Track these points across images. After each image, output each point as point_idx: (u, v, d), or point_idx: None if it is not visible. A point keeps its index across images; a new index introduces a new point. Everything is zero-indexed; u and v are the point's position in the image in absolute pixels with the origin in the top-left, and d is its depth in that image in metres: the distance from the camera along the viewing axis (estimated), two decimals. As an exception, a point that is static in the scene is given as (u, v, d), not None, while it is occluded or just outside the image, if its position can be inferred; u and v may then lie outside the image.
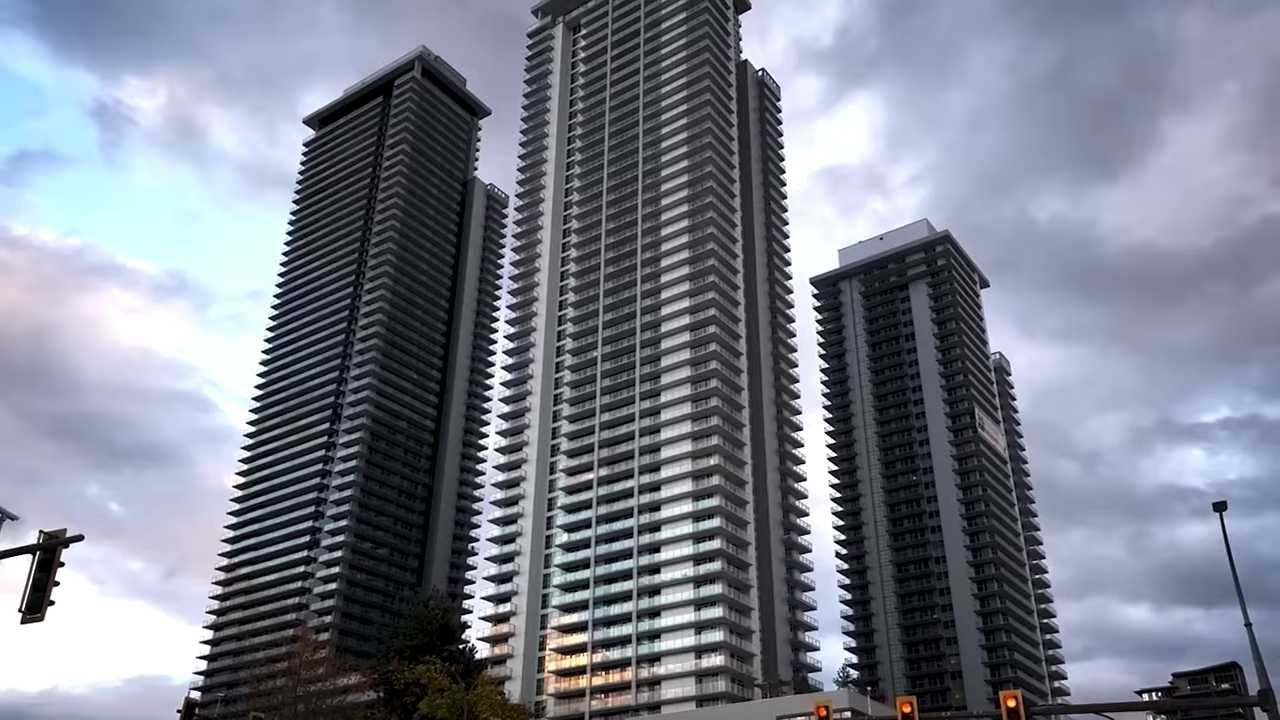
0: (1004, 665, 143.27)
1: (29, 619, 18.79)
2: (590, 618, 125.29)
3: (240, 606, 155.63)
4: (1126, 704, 53.54)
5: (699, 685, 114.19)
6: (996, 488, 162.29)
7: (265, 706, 41.89)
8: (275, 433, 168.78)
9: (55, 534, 19.72)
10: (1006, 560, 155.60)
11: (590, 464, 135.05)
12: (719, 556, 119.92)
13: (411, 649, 53.11)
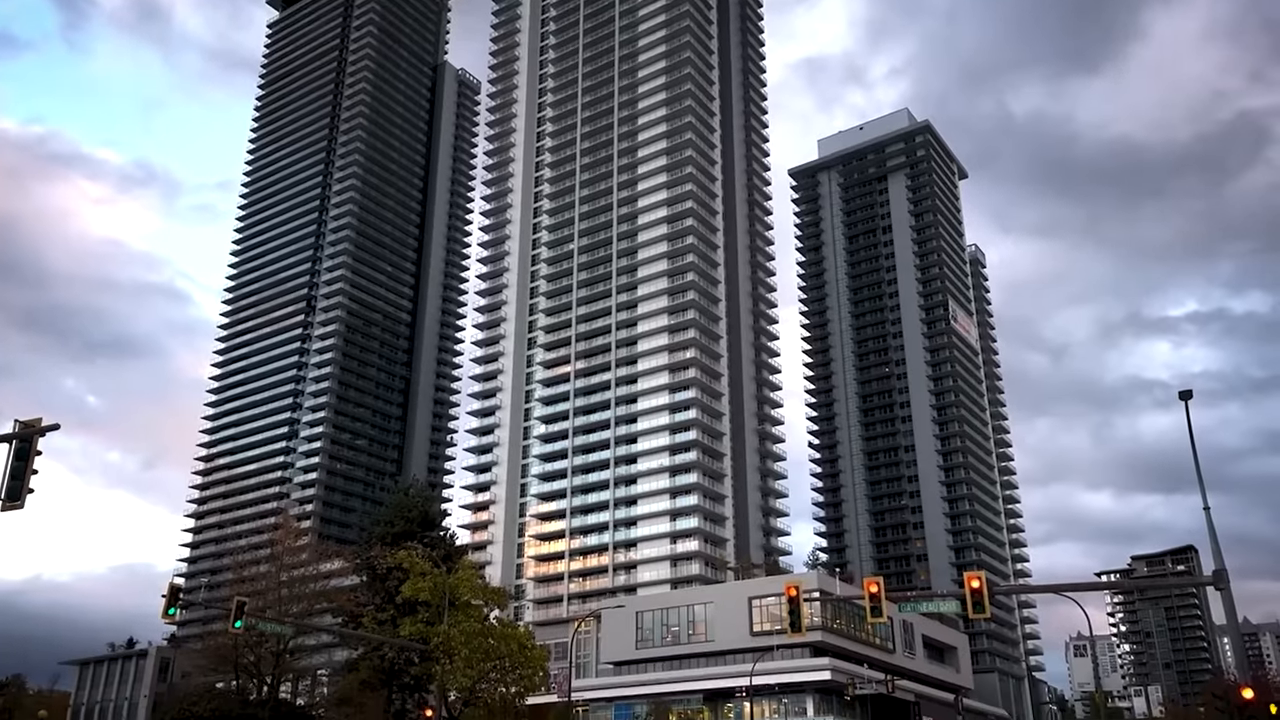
0: (968, 549, 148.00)
1: (9, 506, 18.91)
2: (568, 505, 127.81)
3: (221, 496, 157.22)
4: (1085, 584, 55.54)
5: (674, 569, 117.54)
6: (967, 379, 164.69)
7: (249, 592, 42.77)
8: (249, 324, 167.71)
9: (31, 423, 19.69)
10: (974, 449, 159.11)
11: (567, 356, 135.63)
12: (694, 446, 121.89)
13: (393, 535, 53.98)
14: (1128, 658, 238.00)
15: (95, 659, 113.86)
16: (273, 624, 41.54)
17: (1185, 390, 28.38)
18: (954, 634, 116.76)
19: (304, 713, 49.52)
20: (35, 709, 76.14)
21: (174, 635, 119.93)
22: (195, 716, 44.72)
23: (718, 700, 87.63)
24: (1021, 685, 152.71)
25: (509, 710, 49.59)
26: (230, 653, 46.49)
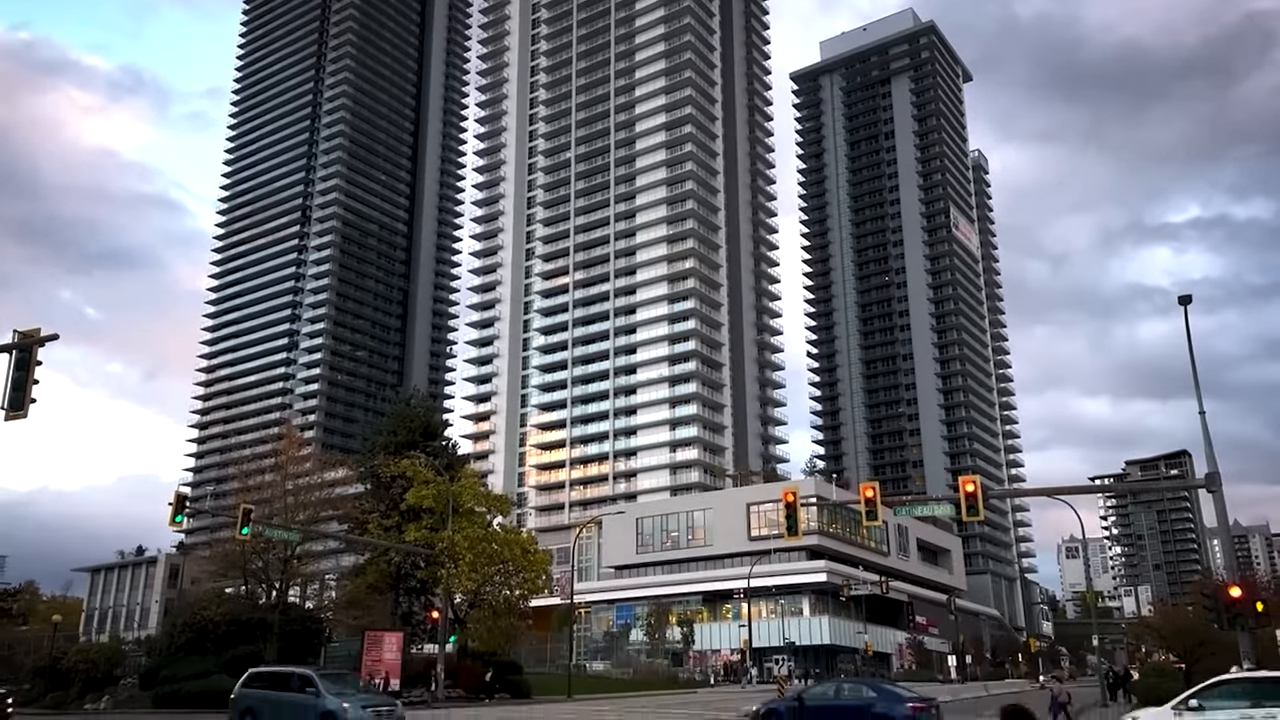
0: (964, 455, 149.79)
1: (12, 416, 19.01)
2: (568, 415, 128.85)
3: (223, 406, 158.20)
4: (1079, 487, 56.33)
5: (673, 477, 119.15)
6: (967, 286, 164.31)
7: (255, 500, 43.30)
8: (245, 235, 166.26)
9: (30, 333, 19.68)
10: (972, 357, 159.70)
11: (566, 267, 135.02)
12: (693, 356, 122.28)
13: (395, 445, 54.43)
14: (1119, 560, 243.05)
15: (106, 566, 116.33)
16: (279, 530, 42.22)
17: (1184, 295, 28.30)
18: (948, 537, 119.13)
19: (313, 615, 50.70)
20: (49, 615, 77.88)
21: (182, 543, 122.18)
22: (206, 620, 45.72)
23: (716, 601, 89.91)
24: (1014, 586, 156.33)
25: (513, 612, 50.81)
26: (238, 559, 47.30)
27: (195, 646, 44.82)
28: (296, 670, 26.85)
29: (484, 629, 49.77)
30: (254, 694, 25.91)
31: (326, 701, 23.68)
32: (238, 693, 26.65)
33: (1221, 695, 16.43)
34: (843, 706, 23.06)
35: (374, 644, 43.74)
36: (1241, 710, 15.67)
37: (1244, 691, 16.28)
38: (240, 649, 44.01)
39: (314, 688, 24.19)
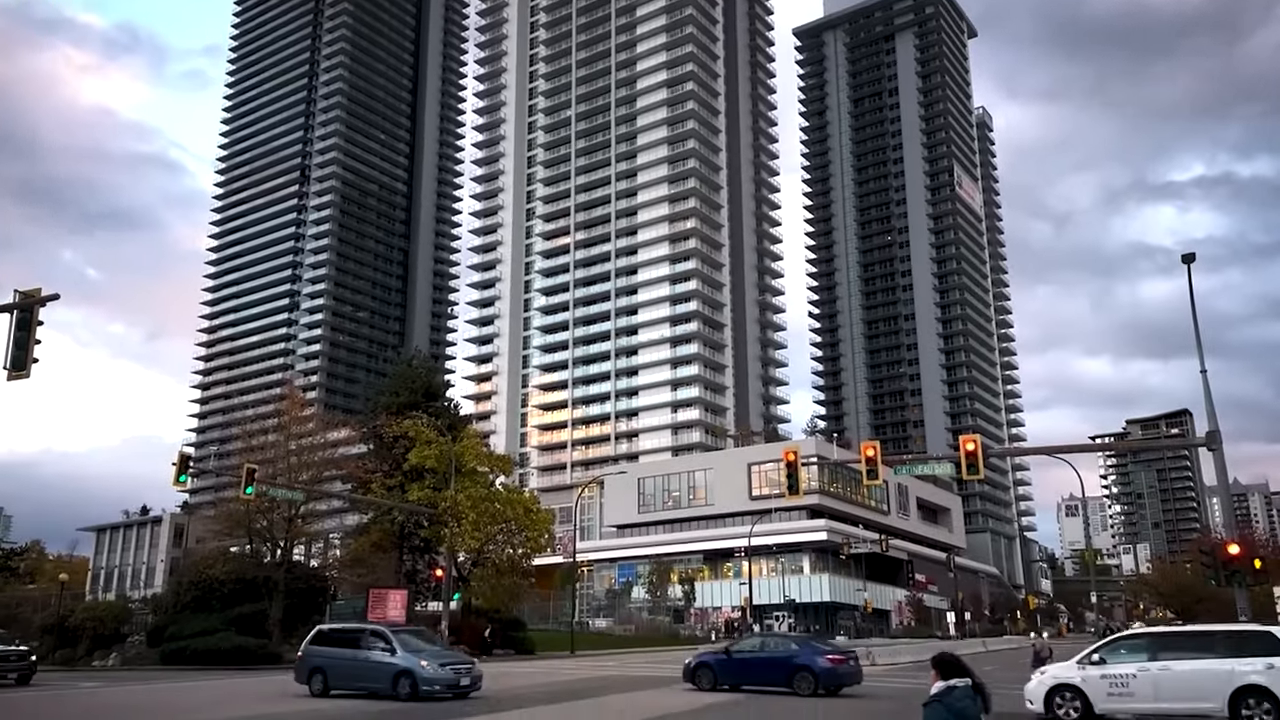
0: (965, 414, 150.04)
1: (14, 376, 19.01)
2: (570, 375, 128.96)
3: (225, 367, 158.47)
4: (1079, 446, 56.52)
5: (674, 437, 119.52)
6: (970, 246, 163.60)
7: (259, 460, 43.46)
8: (245, 195, 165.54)
9: (30, 293, 19.63)
10: (974, 316, 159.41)
11: (567, 227, 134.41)
12: (695, 317, 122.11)
13: (398, 405, 54.47)
14: (1118, 518, 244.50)
15: (111, 525, 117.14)
16: (283, 490, 42.43)
17: (1188, 253, 28.15)
18: (948, 496, 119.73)
19: (318, 573, 51.14)
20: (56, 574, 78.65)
21: (186, 502, 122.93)
22: (212, 578, 46.14)
23: (717, 560, 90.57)
24: (1013, 544, 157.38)
25: (516, 570, 51.25)
26: (243, 518, 47.60)
27: (201, 604, 45.28)
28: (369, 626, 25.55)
29: (488, 587, 50.25)
30: (323, 652, 24.23)
31: (403, 659, 22.42)
32: (305, 651, 24.99)
33: (1122, 650, 17.51)
34: (768, 658, 24.76)
35: (379, 601, 44.14)
36: (1139, 663, 16.74)
37: (1141, 646, 17.39)
38: (246, 607, 44.48)
39: (388, 645, 22.89)
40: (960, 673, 5.47)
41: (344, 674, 23.28)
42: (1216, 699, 15.77)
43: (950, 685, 5.47)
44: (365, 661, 22.95)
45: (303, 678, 24.03)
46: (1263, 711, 15.29)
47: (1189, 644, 17.33)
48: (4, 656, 32.31)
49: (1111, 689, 16.85)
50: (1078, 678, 17.37)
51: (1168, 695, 16.40)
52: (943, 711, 5.34)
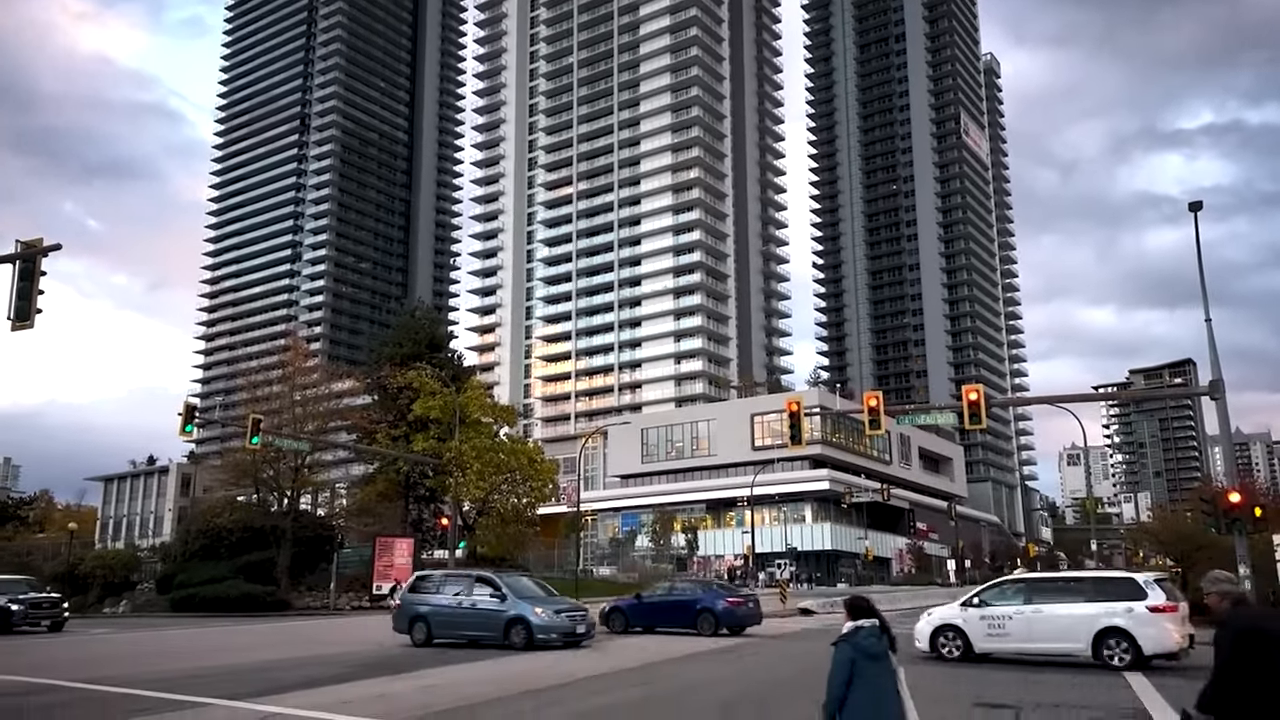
0: (968, 365, 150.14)
1: (18, 326, 19.02)
2: (573, 327, 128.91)
3: (229, 318, 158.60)
4: (1081, 395, 56.53)
5: (678, 388, 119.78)
6: (976, 195, 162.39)
7: (264, 411, 43.64)
8: (245, 145, 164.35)
9: (32, 243, 19.58)
10: (979, 266, 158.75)
11: (569, 176, 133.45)
12: (698, 268, 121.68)
13: (401, 357, 54.61)
14: (1119, 467, 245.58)
15: (119, 475, 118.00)
16: (289, 440, 42.67)
17: (1195, 201, 27.90)
18: (950, 446, 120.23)
19: (325, 522, 51.62)
20: (65, 523, 79.50)
21: (193, 452, 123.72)
22: (219, 527, 46.60)
23: (720, 509, 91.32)
24: (1014, 493, 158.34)
25: (521, 519, 51.76)
26: (249, 468, 47.90)
27: (209, 553, 45.79)
28: (475, 572, 24.23)
29: (493, 535, 50.79)
30: (424, 600, 22.74)
31: (515, 606, 21.09)
32: (404, 598, 23.49)
33: (1000, 593, 18.63)
34: (674, 601, 26.64)
35: (385, 550, 44.65)
36: (1015, 606, 17.85)
37: (1018, 591, 18.52)
38: (254, 555, 44.99)
39: (498, 591, 21.63)
40: (869, 615, 5.93)
41: (449, 622, 21.95)
42: (1081, 640, 16.88)
43: (858, 625, 5.90)
44: (473, 610, 21.61)
45: (403, 626, 22.71)
46: (1121, 651, 16.46)
47: (1060, 589, 18.42)
48: (36, 604, 32.13)
49: (990, 630, 17.79)
50: (960, 619, 18.27)
51: (1039, 636, 17.39)
52: (849, 649, 5.80)
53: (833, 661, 5.90)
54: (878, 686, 5.79)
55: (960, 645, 18.03)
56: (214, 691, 13.76)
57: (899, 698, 5.89)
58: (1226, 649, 5.11)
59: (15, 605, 31.00)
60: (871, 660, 5.82)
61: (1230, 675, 5.02)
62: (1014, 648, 17.69)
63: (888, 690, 5.84)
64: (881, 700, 5.78)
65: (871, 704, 5.76)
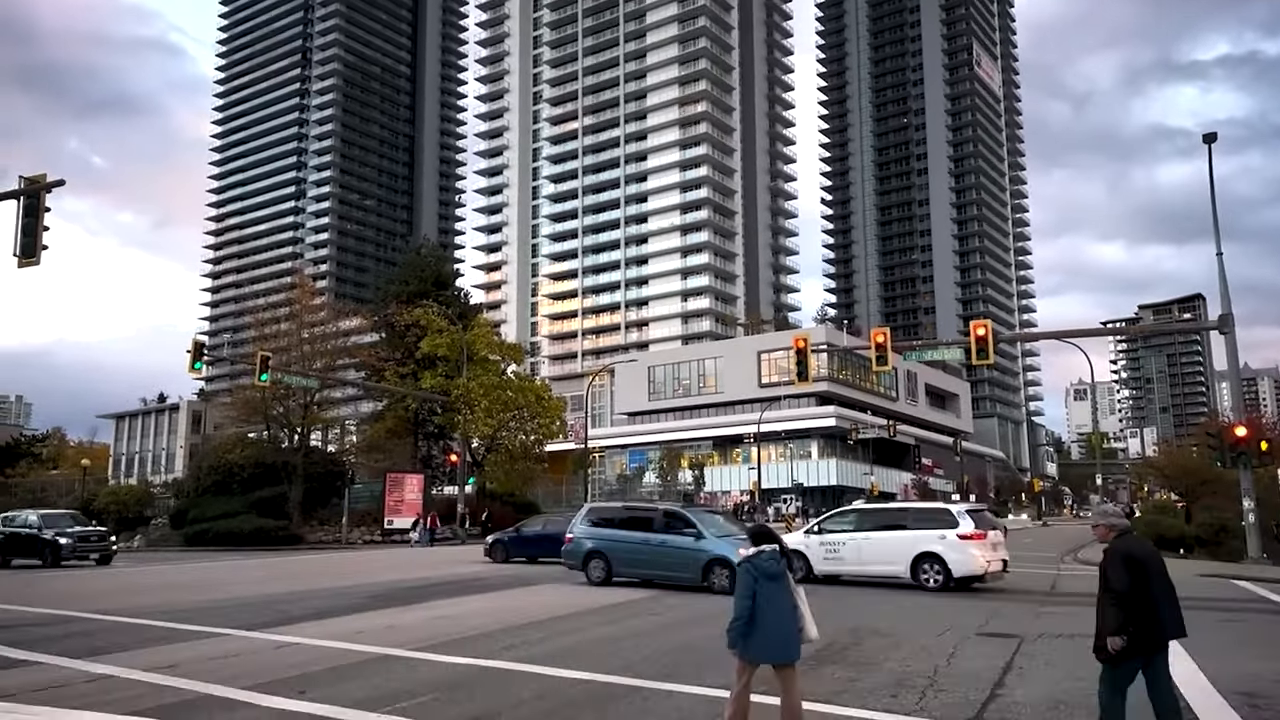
0: (976, 301, 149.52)
1: (24, 263, 19.01)
2: (580, 265, 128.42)
3: (236, 256, 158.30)
4: (1089, 330, 56.37)
5: (684, 325, 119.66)
6: (987, 128, 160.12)
7: (272, 349, 43.76)
8: (247, 80, 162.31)
9: (36, 179, 19.46)
10: (989, 200, 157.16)
11: (575, 112, 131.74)
12: (705, 204, 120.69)
13: (408, 294, 54.51)
14: (1126, 403, 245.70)
15: (130, 413, 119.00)
16: (298, 377, 42.89)
17: (1209, 133, 27.56)
18: (956, 382, 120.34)
19: (335, 458, 52.08)
20: (78, 459, 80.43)
21: (203, 390, 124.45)
22: (231, 463, 47.08)
23: (727, 446, 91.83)
24: (1020, 429, 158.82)
25: (529, 456, 52.16)
26: (259, 405, 48.22)
27: (221, 488, 46.31)
28: (663, 507, 22.05)
29: (501, 472, 51.25)
30: (603, 535, 20.30)
31: (714, 545, 18.68)
32: (578, 532, 20.94)
33: (838, 522, 20.61)
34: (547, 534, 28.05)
35: (396, 485, 45.12)
36: (849, 533, 19.81)
37: (852, 520, 20.57)
38: (266, 490, 45.50)
39: (693, 528, 19.29)
40: (769, 540, 6.74)
41: (632, 560, 19.62)
42: (902, 563, 18.83)
43: (760, 549, 6.68)
44: (662, 547, 19.19)
45: (577, 562, 20.50)
46: (934, 573, 18.45)
47: (886, 518, 20.49)
48: (85, 537, 31.93)
49: (827, 554, 19.86)
50: (804, 544, 20.18)
51: (868, 560, 19.37)
52: (751, 569, 6.57)
53: (737, 582, 6.65)
54: (776, 601, 6.53)
55: (803, 567, 19.59)
56: (236, 622, 14.04)
57: (796, 610, 6.64)
58: (1124, 572, 6.03)
59: (64, 539, 30.95)
60: (770, 579, 6.56)
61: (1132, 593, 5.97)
62: (848, 570, 19.64)
63: (785, 604, 6.58)
64: (779, 613, 6.53)
65: (771, 616, 6.49)
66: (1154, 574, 6.10)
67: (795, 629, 6.62)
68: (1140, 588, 6.00)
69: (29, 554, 31.48)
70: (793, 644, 6.59)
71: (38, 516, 33.24)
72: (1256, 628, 14.28)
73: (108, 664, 10.32)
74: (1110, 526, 6.42)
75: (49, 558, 30.63)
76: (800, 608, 6.69)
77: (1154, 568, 6.13)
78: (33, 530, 31.74)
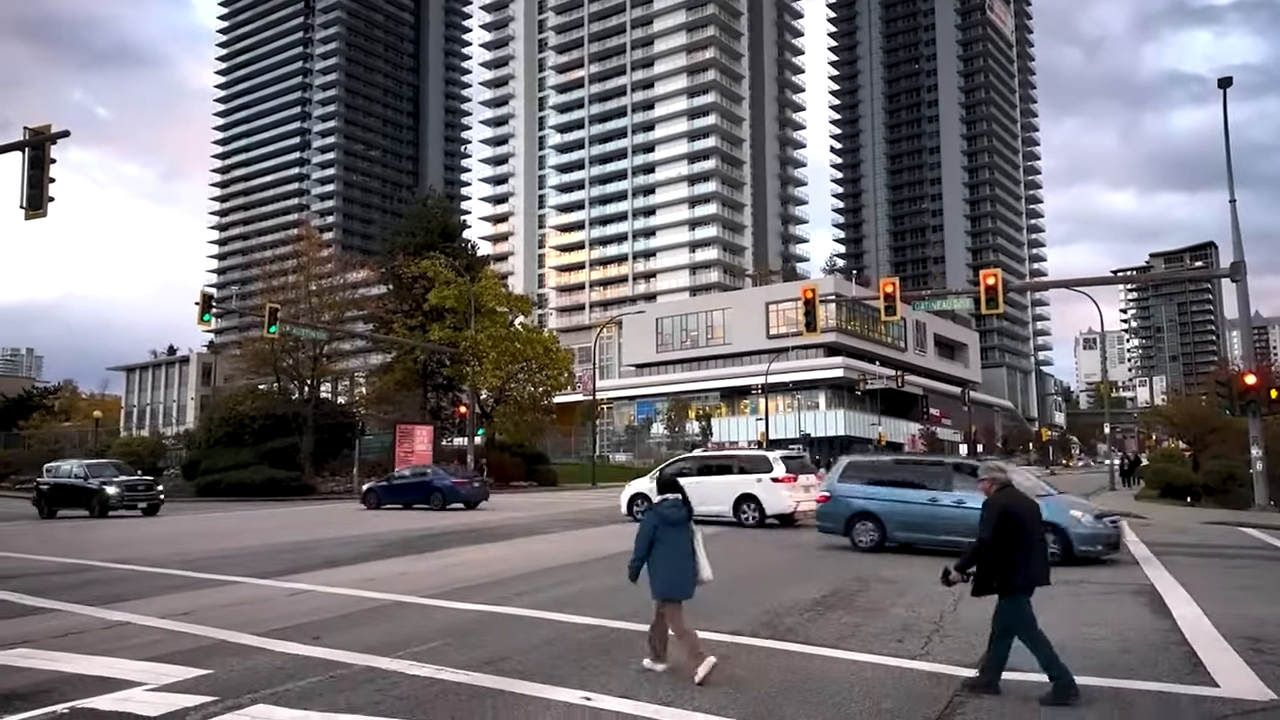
0: (986, 250, 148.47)
1: (31, 215, 18.95)
2: (587, 216, 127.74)
3: (242, 207, 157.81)
4: (1099, 279, 56.04)
5: (692, 277, 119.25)
6: (999, 74, 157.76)
7: (281, 301, 43.82)
8: (250, 28, 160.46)
9: (40, 129, 19.33)
10: (1000, 149, 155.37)
11: (581, 59, 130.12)
12: (713, 154, 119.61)
13: (414, 246, 54.43)
14: (1135, 352, 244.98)
15: (140, 365, 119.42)
16: (306, 329, 42.97)
17: (1225, 77, 27.15)
18: (965, 332, 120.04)
19: (346, 410, 52.36)
20: (90, 411, 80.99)
21: (212, 342, 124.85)
22: (242, 415, 47.33)
23: (734, 397, 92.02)
24: (1029, 378, 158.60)
25: (538, 407, 52.41)
26: (269, 357, 48.38)
27: (233, 440, 46.63)
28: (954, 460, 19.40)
29: (510, 423, 51.54)
30: (870, 493, 17.13)
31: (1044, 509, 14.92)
32: (839, 491, 17.60)
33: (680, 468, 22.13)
34: (414, 483, 32.02)
35: (406, 437, 45.36)
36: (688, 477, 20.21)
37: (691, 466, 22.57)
38: (277, 442, 45.79)
39: None
40: (673, 490, 7.48)
41: (915, 524, 16.36)
42: (725, 503, 21.41)
43: (664, 498, 7.43)
44: (958, 508, 15.40)
45: (837, 525, 17.36)
46: (752, 510, 21.26)
47: (718, 465, 22.99)
48: (132, 486, 30.87)
49: None
50: (647, 488, 22.18)
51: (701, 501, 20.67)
52: (654, 516, 7.27)
53: (640, 526, 7.38)
54: (676, 546, 7.20)
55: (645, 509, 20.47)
56: (249, 570, 14.22)
57: (694, 553, 7.30)
58: (994, 522, 6.62)
59: (111, 488, 29.99)
60: (671, 526, 7.22)
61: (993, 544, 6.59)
62: None
63: (684, 549, 7.25)
64: (679, 556, 7.21)
65: (672, 559, 7.18)
66: (1027, 528, 6.67)
67: (691, 570, 7.27)
68: (1009, 539, 6.59)
69: (75, 504, 30.48)
70: (688, 583, 7.25)
71: (82, 466, 32.25)
72: (1263, 574, 14.36)
73: (124, 611, 10.48)
74: (994, 481, 6.95)
75: (96, 508, 29.71)
76: (698, 552, 7.32)
77: (1028, 522, 6.70)
78: (79, 480, 30.80)
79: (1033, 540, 6.72)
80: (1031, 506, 6.87)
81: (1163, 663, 7.80)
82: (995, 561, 6.63)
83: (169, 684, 7.08)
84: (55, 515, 30.66)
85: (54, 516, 30.54)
